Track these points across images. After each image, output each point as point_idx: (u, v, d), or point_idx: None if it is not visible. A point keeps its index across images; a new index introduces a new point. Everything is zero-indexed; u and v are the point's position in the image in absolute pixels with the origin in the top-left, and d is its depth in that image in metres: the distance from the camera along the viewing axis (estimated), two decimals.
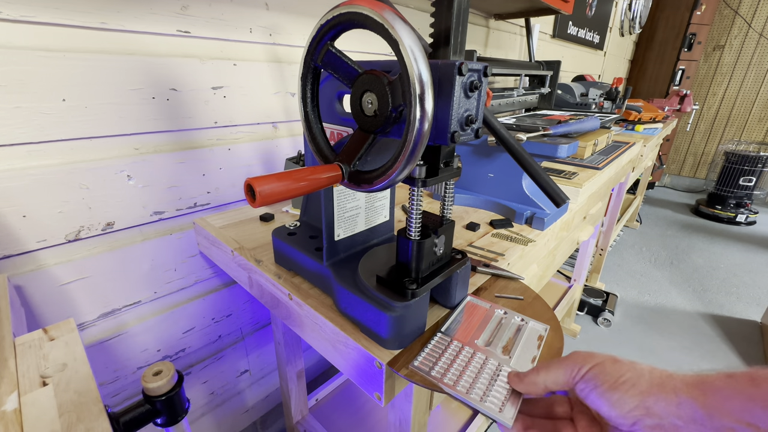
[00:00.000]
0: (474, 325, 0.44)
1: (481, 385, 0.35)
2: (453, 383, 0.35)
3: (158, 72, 0.66)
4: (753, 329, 1.76)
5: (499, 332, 0.43)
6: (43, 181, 0.58)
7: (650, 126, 1.90)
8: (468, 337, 0.42)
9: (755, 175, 2.90)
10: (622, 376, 0.25)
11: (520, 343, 0.41)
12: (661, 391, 0.24)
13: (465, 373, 0.36)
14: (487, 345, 0.40)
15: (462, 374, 0.36)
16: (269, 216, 0.75)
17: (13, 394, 0.34)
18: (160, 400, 0.46)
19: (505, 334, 0.42)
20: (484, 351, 0.40)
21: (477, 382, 0.35)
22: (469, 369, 0.37)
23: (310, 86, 0.39)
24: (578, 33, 2.24)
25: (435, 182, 0.38)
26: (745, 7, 3.26)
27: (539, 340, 0.41)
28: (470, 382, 0.35)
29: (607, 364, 0.26)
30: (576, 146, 0.80)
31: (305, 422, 0.98)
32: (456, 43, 0.34)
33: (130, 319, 0.74)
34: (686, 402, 0.23)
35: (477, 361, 0.38)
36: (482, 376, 0.36)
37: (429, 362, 0.38)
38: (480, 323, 0.44)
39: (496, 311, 0.46)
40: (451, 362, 0.38)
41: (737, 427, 0.21)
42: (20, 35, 0.52)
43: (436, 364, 0.38)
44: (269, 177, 0.29)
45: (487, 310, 0.47)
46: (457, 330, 0.43)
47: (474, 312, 0.46)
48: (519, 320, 0.45)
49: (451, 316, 0.45)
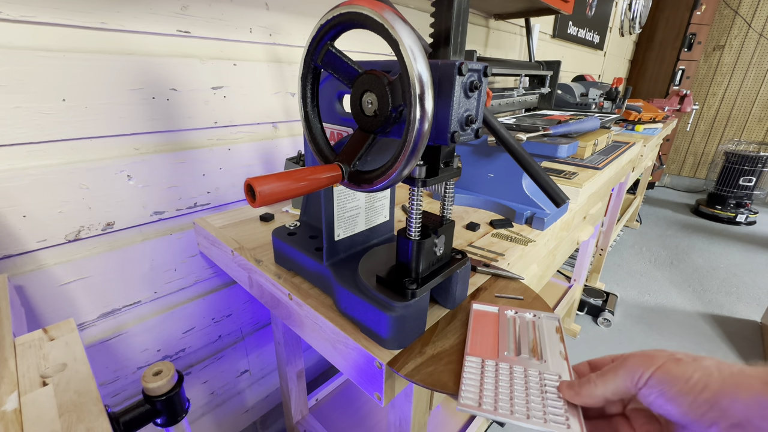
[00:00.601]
0: (492, 334, 0.42)
1: (535, 404, 0.32)
2: (509, 411, 0.32)
3: (158, 72, 0.66)
4: (753, 329, 1.76)
5: (520, 336, 0.41)
6: (43, 181, 0.58)
7: (650, 126, 1.90)
8: (495, 351, 0.39)
9: (755, 175, 2.90)
10: (691, 377, 0.24)
11: (544, 341, 0.39)
12: (737, 390, 0.22)
13: (514, 394, 0.33)
14: (517, 354, 0.38)
15: (512, 397, 0.33)
16: (269, 216, 0.75)
17: (13, 394, 0.34)
18: (160, 400, 0.46)
19: (527, 336, 0.40)
20: (518, 362, 0.37)
21: (529, 401, 0.32)
22: (516, 388, 0.34)
23: (310, 86, 0.39)
24: (578, 33, 2.24)
25: (435, 182, 0.38)
26: (745, 7, 3.26)
27: (558, 332, 0.40)
28: (523, 404, 0.32)
29: (671, 366, 0.25)
30: (576, 146, 0.80)
31: (305, 422, 0.98)
32: (456, 43, 0.34)
33: (130, 319, 0.74)
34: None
35: (518, 377, 0.35)
36: (531, 393, 0.33)
37: (472, 394, 0.34)
38: (497, 331, 0.42)
39: (506, 313, 0.45)
40: (495, 386, 0.35)
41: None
42: (20, 35, 0.52)
43: (482, 394, 0.34)
44: (269, 177, 0.29)
45: (497, 314, 0.45)
46: (480, 345, 0.40)
47: (485, 320, 0.45)
48: (531, 317, 0.44)
49: (468, 332, 0.43)
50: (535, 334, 0.40)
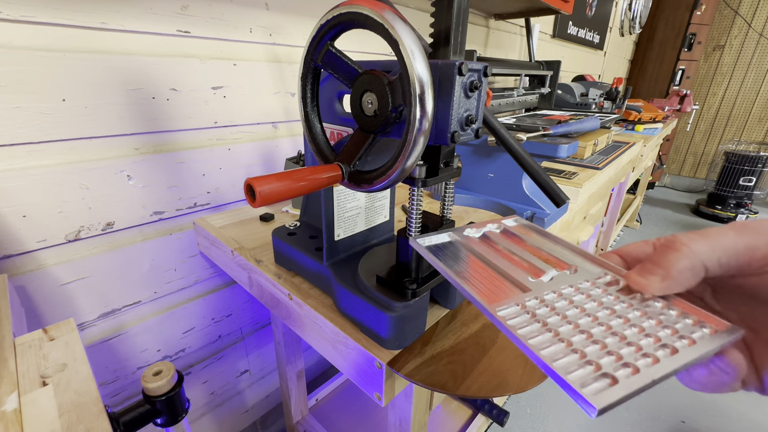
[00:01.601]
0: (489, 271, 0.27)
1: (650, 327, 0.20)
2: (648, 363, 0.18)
3: (158, 72, 0.66)
4: None
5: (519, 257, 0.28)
6: (43, 181, 0.58)
7: (650, 126, 1.90)
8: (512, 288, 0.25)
9: (755, 175, 2.90)
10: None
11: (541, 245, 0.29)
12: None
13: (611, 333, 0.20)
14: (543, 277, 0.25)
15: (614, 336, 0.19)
16: (269, 216, 0.75)
17: (13, 394, 0.34)
18: (160, 400, 0.46)
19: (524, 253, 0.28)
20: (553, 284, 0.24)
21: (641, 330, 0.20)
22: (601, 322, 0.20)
23: (310, 86, 0.39)
24: (578, 33, 2.24)
25: (435, 182, 0.38)
26: (745, 7, 3.26)
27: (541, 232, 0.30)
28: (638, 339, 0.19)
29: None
30: (576, 146, 0.80)
31: (305, 422, 0.98)
32: (456, 43, 0.34)
33: (130, 319, 0.74)
34: None
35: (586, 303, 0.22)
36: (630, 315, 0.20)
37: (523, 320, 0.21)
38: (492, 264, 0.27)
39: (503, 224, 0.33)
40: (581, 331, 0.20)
41: None
42: (20, 35, 0.52)
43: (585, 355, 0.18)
44: (269, 177, 0.29)
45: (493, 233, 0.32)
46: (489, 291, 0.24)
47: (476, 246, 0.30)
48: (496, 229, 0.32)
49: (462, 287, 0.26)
50: (531, 243, 0.30)
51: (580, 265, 0.26)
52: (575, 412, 1.30)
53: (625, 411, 1.31)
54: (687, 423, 1.28)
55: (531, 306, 0.22)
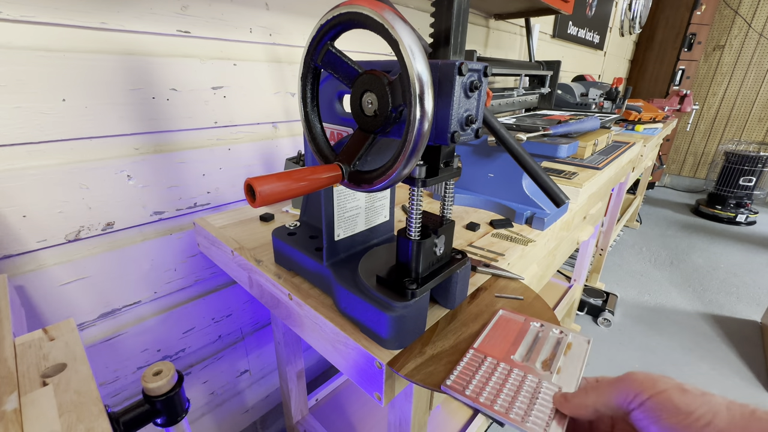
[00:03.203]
0: (509, 339, 0.41)
1: (521, 404, 0.32)
2: (490, 402, 0.32)
3: (158, 72, 0.66)
4: (753, 329, 1.76)
5: (537, 346, 0.40)
6: (43, 181, 0.58)
7: (650, 126, 1.90)
8: (503, 353, 0.39)
9: (755, 175, 2.90)
10: (694, 411, 0.22)
11: (563, 357, 0.38)
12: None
13: (502, 391, 0.34)
14: (525, 360, 0.38)
15: (499, 392, 0.34)
16: (269, 216, 0.75)
17: (13, 394, 0.34)
18: (160, 400, 0.46)
19: (545, 348, 0.39)
20: (522, 367, 0.37)
21: (516, 400, 0.32)
22: (507, 386, 0.34)
23: (310, 86, 0.39)
24: (578, 33, 2.24)
25: (435, 182, 0.38)
26: (745, 7, 3.26)
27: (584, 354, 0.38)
28: (509, 401, 0.32)
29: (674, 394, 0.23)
30: (576, 146, 0.80)
31: (305, 422, 0.98)
32: (456, 43, 0.34)
33: (130, 319, 0.74)
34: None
35: (515, 378, 0.35)
36: (522, 394, 0.33)
37: (463, 381, 0.35)
38: (515, 337, 0.41)
39: (531, 324, 0.44)
40: (487, 379, 0.35)
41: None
42: (20, 35, 0.52)
43: (471, 382, 0.35)
44: (269, 177, 0.29)
45: (522, 324, 0.44)
46: (490, 346, 0.40)
47: (507, 326, 0.44)
48: (558, 333, 0.42)
49: (483, 331, 0.43)
50: (555, 349, 0.39)
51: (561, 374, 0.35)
52: None
53: None
54: None
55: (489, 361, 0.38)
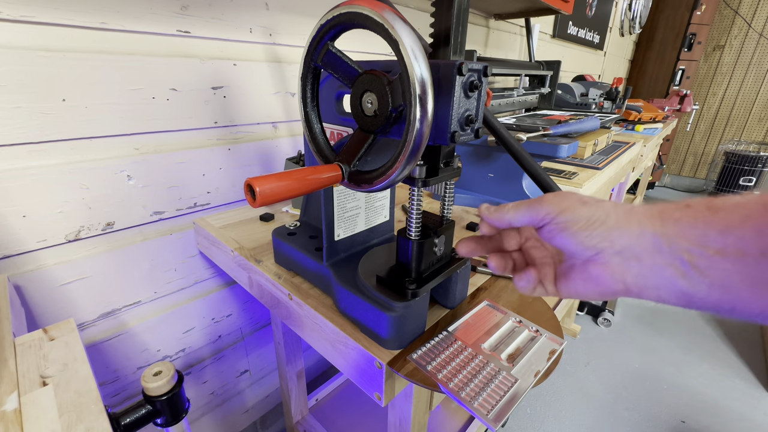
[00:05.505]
0: (484, 329, 0.43)
1: (475, 386, 0.35)
2: (446, 380, 0.36)
3: (158, 72, 0.66)
4: (753, 329, 1.76)
5: (509, 340, 0.42)
6: (43, 181, 0.58)
7: (650, 126, 1.90)
8: (473, 340, 0.41)
9: (755, 175, 2.90)
10: (592, 216, 0.27)
11: (529, 354, 0.40)
12: (626, 224, 0.26)
13: (461, 372, 0.37)
14: (493, 350, 0.40)
15: (458, 373, 0.37)
16: (269, 216, 0.75)
17: (13, 394, 0.34)
18: (160, 400, 0.46)
19: (515, 343, 0.41)
20: (486, 355, 0.39)
21: (471, 382, 0.36)
22: (467, 369, 0.37)
23: (310, 86, 0.39)
24: (578, 33, 2.24)
25: (435, 182, 0.38)
26: (745, 7, 3.26)
27: (551, 354, 0.40)
28: (465, 382, 0.36)
29: (577, 208, 0.27)
30: (576, 146, 0.80)
31: (305, 422, 0.98)
32: (456, 43, 0.34)
33: (130, 319, 0.74)
34: (647, 232, 0.25)
35: (477, 364, 0.38)
36: (478, 378, 0.36)
37: (428, 357, 0.39)
38: (491, 328, 0.44)
39: (510, 320, 0.45)
40: (450, 360, 0.38)
41: (692, 249, 0.23)
42: (20, 35, 0.52)
43: (434, 360, 0.38)
44: (269, 177, 0.29)
45: (501, 318, 0.46)
46: (464, 331, 0.43)
47: (487, 317, 0.46)
48: (533, 331, 0.43)
49: (462, 317, 0.45)
50: (525, 346, 0.41)
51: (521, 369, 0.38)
52: (575, 412, 1.30)
53: (625, 411, 1.31)
54: (687, 423, 1.28)
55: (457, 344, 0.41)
